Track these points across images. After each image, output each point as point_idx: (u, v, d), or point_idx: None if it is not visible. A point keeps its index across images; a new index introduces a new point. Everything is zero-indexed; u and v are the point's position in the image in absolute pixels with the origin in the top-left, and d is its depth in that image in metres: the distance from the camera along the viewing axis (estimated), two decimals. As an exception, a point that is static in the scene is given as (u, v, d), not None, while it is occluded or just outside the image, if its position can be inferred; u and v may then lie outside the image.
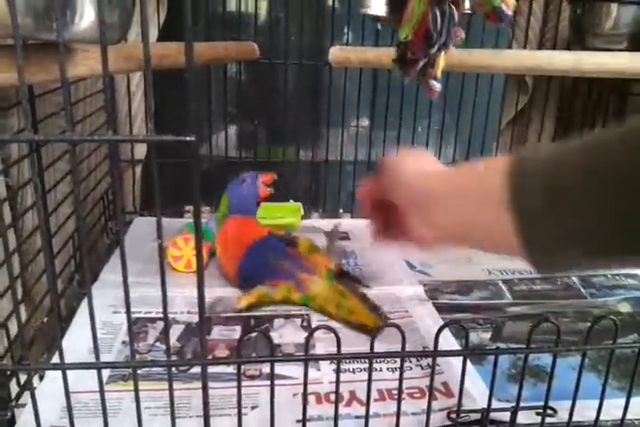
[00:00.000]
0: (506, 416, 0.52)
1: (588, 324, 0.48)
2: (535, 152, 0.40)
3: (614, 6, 0.94)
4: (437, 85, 0.66)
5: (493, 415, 0.52)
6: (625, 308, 0.78)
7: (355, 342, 0.67)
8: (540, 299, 0.80)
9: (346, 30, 1.12)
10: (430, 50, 0.60)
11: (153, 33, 1.00)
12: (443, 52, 0.64)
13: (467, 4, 0.66)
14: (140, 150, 1.06)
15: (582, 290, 0.83)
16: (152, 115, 0.37)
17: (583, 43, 1.00)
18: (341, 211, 1.17)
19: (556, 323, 0.48)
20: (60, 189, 0.75)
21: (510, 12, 0.55)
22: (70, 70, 0.50)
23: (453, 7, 0.58)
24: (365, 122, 1.21)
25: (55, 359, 0.41)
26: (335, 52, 0.95)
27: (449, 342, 0.67)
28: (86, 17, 0.41)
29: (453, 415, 0.51)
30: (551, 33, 1.11)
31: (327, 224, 1.08)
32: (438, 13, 0.57)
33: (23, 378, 0.55)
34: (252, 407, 0.55)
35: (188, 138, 0.34)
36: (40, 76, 0.47)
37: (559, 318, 0.75)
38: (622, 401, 0.53)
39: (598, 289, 0.83)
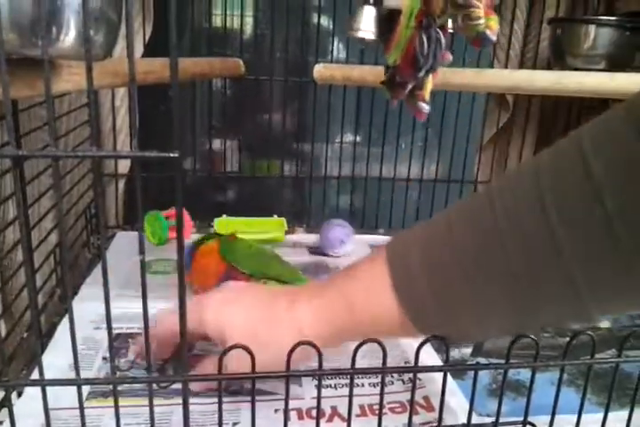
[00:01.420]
0: (486, 431, 0.52)
1: (568, 339, 0.49)
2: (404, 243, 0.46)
3: (592, 28, 0.96)
4: (426, 107, 0.67)
5: (474, 431, 0.52)
6: (604, 323, 0.79)
7: (337, 358, 0.67)
8: (521, 314, 0.81)
9: (331, 47, 1.14)
10: (418, 73, 0.61)
11: (138, 48, 1.00)
12: (430, 75, 0.65)
13: (449, 25, 0.67)
14: (124, 164, 1.06)
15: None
16: (136, 131, 0.37)
17: (563, 62, 1.02)
18: (325, 226, 1.18)
19: (534, 338, 0.48)
20: (42, 203, 0.74)
21: (494, 38, 0.56)
22: (55, 86, 0.51)
23: (440, 32, 0.59)
24: (350, 138, 1.22)
25: (35, 375, 0.40)
26: (320, 70, 0.96)
27: (431, 356, 0.68)
28: (71, 34, 0.42)
29: (434, 431, 0.51)
30: (532, 53, 1.13)
31: (311, 239, 1.08)
32: (425, 38, 0.58)
33: (1, 394, 0.54)
34: (234, 424, 0.55)
35: (171, 154, 0.34)
36: (25, 92, 0.47)
37: (539, 333, 0.76)
38: (600, 416, 0.53)
39: (578, 305, 0.84)
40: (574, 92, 0.94)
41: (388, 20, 0.64)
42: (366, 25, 0.69)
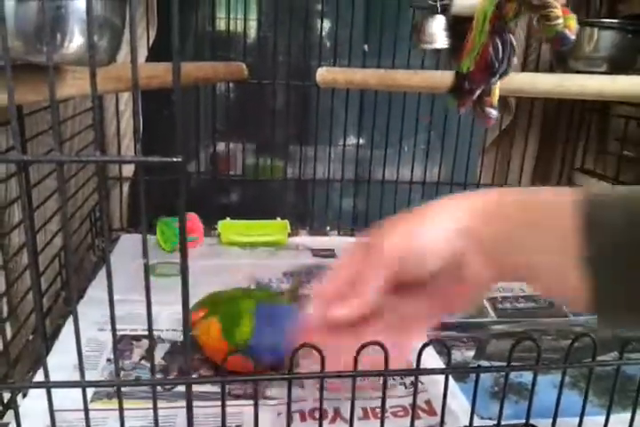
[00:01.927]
0: (488, 434, 0.52)
1: (570, 342, 0.49)
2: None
3: (594, 30, 0.96)
4: (494, 113, 0.67)
5: (475, 433, 0.52)
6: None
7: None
8: (524, 317, 0.81)
9: (333, 51, 1.14)
10: (492, 78, 0.61)
11: (142, 52, 1.01)
12: (499, 82, 0.64)
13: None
14: (129, 167, 1.07)
15: (565, 308, 0.84)
16: (139, 136, 0.37)
17: (565, 65, 1.02)
18: (328, 228, 1.18)
19: (536, 341, 0.48)
20: (48, 206, 0.75)
21: (573, 36, 0.56)
22: (59, 91, 0.51)
23: (511, 36, 0.59)
24: (352, 141, 1.22)
25: (40, 377, 0.41)
26: (322, 73, 0.96)
27: (434, 359, 0.68)
28: (76, 40, 0.42)
29: (436, 433, 0.51)
30: (534, 55, 1.14)
31: (314, 242, 1.08)
32: (499, 43, 0.58)
33: (7, 396, 0.55)
34: (237, 426, 0.55)
35: (174, 159, 0.35)
36: (30, 97, 0.47)
37: (542, 336, 0.76)
38: (602, 418, 0.53)
39: (581, 307, 0.84)
40: (576, 95, 0.94)
41: (455, 28, 0.64)
42: (438, 35, 0.68)
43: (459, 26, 0.62)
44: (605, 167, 1.15)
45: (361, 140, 1.17)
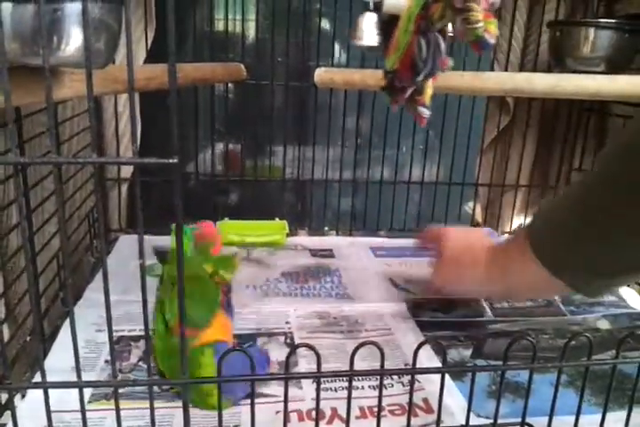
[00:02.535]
0: (484, 433, 0.52)
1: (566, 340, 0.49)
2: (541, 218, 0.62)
3: (592, 30, 0.96)
4: (426, 112, 0.67)
5: (472, 432, 0.52)
6: (604, 325, 0.80)
7: (337, 360, 0.67)
8: (521, 316, 0.81)
9: (332, 52, 1.14)
10: (417, 78, 0.61)
11: (141, 53, 1.01)
12: (430, 80, 0.65)
13: (449, 28, 0.67)
14: (127, 168, 1.07)
15: (562, 307, 0.84)
16: (136, 138, 0.38)
17: (563, 65, 1.02)
18: (327, 228, 1.18)
19: (532, 340, 0.48)
20: (46, 208, 0.75)
21: (493, 41, 0.56)
22: (56, 93, 0.51)
23: (439, 36, 0.59)
24: (351, 141, 1.22)
25: (38, 378, 0.41)
26: (320, 74, 0.96)
27: (431, 358, 0.68)
28: (72, 42, 0.43)
29: (432, 432, 0.51)
30: (532, 55, 1.14)
31: (313, 242, 1.09)
32: (424, 42, 0.58)
33: (4, 397, 0.55)
34: (235, 426, 0.55)
35: (171, 160, 0.35)
36: (26, 99, 0.47)
37: (539, 335, 0.76)
38: (599, 417, 0.53)
39: (578, 306, 0.85)
40: (574, 95, 0.95)
41: (388, 26, 0.64)
42: (368, 32, 0.69)
43: (390, 24, 0.62)
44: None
45: (359, 141, 1.17)
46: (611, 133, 1.15)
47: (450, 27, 0.68)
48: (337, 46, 1.16)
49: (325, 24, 1.18)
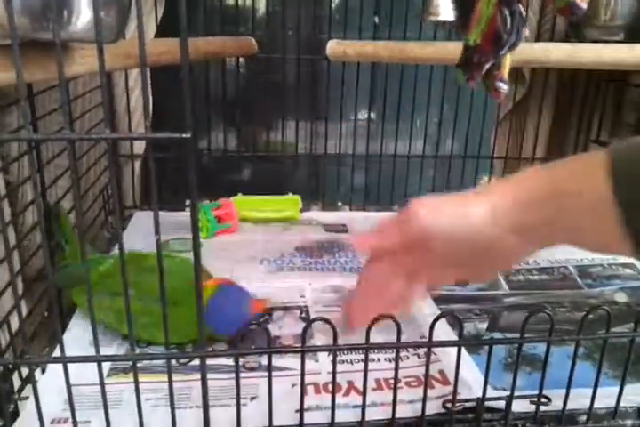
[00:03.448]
0: (501, 405, 0.53)
1: (584, 313, 0.49)
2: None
3: (611, -3, 0.94)
4: (505, 87, 0.65)
5: (488, 404, 0.53)
6: (621, 297, 0.79)
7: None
8: (537, 289, 0.81)
9: (344, 24, 1.12)
10: (500, 51, 0.60)
11: (151, 27, 1.00)
12: (508, 53, 0.63)
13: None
14: (140, 145, 1.07)
15: (579, 280, 0.84)
16: (149, 113, 0.37)
17: (580, 34, 1.00)
18: (340, 203, 1.18)
19: (549, 313, 0.48)
20: (59, 185, 0.75)
21: (585, 6, 0.55)
22: (68, 69, 0.51)
23: (520, 6, 0.57)
24: (364, 115, 1.21)
25: (57, 353, 0.42)
26: (333, 46, 0.95)
27: (446, 332, 0.68)
28: (82, 17, 0.42)
29: (449, 405, 0.52)
30: (548, 25, 1.11)
31: (326, 217, 1.09)
32: (507, 14, 0.56)
33: (25, 371, 0.56)
34: (252, 398, 0.56)
35: (184, 135, 0.35)
36: (38, 75, 0.47)
37: (555, 308, 0.76)
38: (616, 389, 0.53)
39: (595, 279, 0.84)
40: (592, 65, 0.93)
41: (464, 1, 0.62)
42: (444, 7, 0.67)
43: (467, -2, 0.60)
44: (621, 139, 1.14)
45: (372, 115, 1.16)
46: (629, 104, 1.13)
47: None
48: (349, 18, 1.14)
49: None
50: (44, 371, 0.58)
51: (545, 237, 0.45)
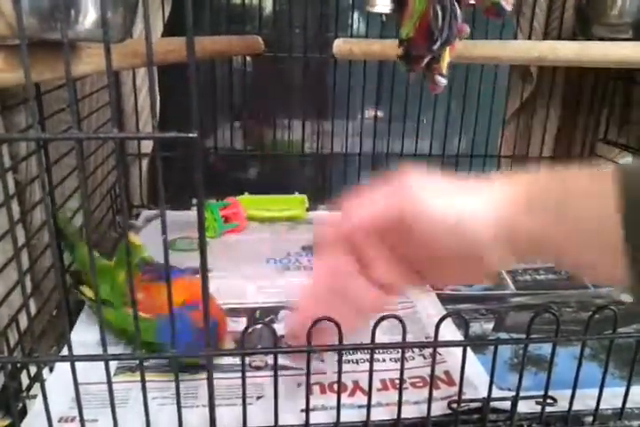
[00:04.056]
0: (507, 405, 0.53)
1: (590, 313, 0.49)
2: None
3: (619, -5, 0.93)
4: (443, 81, 0.66)
5: (494, 404, 0.53)
6: (628, 298, 0.79)
7: (359, 332, 0.67)
8: (544, 289, 0.81)
9: (350, 22, 1.12)
10: (433, 46, 0.60)
11: (158, 26, 1.00)
12: (447, 49, 0.63)
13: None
14: (147, 143, 1.07)
15: (585, 280, 0.84)
16: (156, 112, 0.37)
17: (588, 32, 1.00)
18: (347, 202, 1.18)
19: (555, 313, 0.48)
20: (67, 184, 0.76)
21: (509, 8, 0.55)
22: (75, 68, 0.51)
23: (455, 3, 0.57)
24: (370, 114, 1.21)
25: (65, 352, 0.42)
26: (339, 45, 0.95)
27: (452, 332, 0.68)
28: (90, 16, 0.42)
29: (454, 405, 0.52)
30: (556, 23, 1.11)
31: (333, 216, 1.08)
32: (439, 9, 0.57)
33: (33, 370, 0.56)
34: (258, 397, 0.56)
35: (190, 135, 0.35)
36: (46, 75, 0.47)
37: (562, 308, 0.76)
38: (622, 390, 0.53)
39: (602, 279, 0.84)
40: (600, 63, 0.92)
41: None
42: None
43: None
44: (629, 138, 1.13)
45: (379, 113, 1.16)
46: (637, 103, 1.13)
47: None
48: (356, 16, 1.14)
49: (344, -6, 1.16)
50: (51, 370, 0.59)
51: (534, 246, 0.40)
